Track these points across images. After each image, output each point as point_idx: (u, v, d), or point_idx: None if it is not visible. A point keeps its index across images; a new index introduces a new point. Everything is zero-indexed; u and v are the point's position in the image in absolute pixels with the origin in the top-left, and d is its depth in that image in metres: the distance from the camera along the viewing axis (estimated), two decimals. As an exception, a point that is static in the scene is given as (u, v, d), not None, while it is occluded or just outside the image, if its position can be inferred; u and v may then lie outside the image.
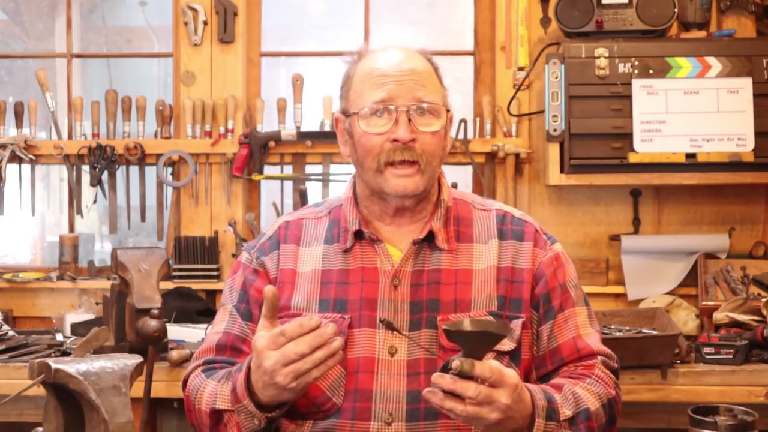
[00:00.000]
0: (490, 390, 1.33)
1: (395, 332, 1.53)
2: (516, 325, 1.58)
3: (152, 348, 2.35)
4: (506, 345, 1.55)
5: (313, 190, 3.17)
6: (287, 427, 1.57)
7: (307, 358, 1.36)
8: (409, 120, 1.56)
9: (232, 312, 1.65)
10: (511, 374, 1.37)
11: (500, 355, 1.55)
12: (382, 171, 1.57)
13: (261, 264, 1.66)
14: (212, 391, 1.53)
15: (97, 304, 3.00)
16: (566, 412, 1.47)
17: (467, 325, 1.30)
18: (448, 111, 1.63)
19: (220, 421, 1.52)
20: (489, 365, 1.33)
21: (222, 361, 1.62)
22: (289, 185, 3.19)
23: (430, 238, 1.62)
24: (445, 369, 1.34)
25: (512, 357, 1.57)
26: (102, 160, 3.16)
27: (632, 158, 2.85)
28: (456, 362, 1.31)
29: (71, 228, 3.32)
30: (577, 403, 1.50)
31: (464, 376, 1.31)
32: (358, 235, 1.63)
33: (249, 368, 1.45)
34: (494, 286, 1.59)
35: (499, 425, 1.36)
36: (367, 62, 1.63)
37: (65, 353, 2.50)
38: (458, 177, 3.17)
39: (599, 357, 1.60)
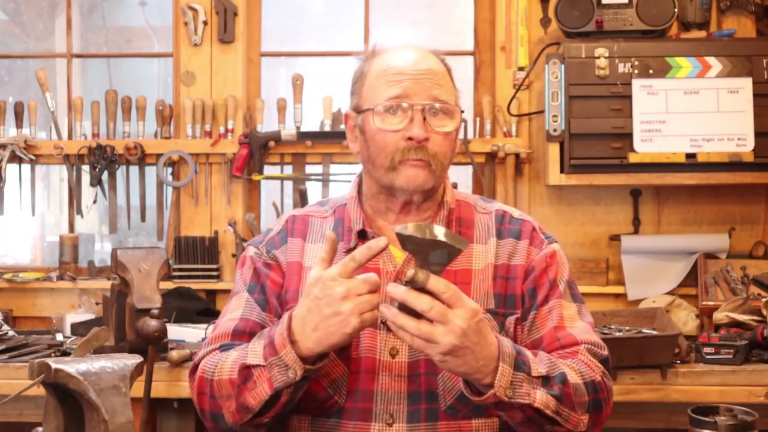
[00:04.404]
0: (445, 308, 1.30)
1: None
2: (510, 321, 1.57)
3: (152, 348, 2.35)
4: None
5: (313, 190, 3.18)
6: (289, 423, 1.57)
7: (374, 294, 1.36)
8: (424, 119, 1.55)
9: (249, 299, 1.61)
10: (471, 301, 1.33)
11: None
12: (395, 168, 1.56)
13: (273, 257, 1.64)
14: (241, 353, 1.48)
15: (97, 304, 3.00)
16: (539, 369, 1.42)
17: (418, 231, 1.26)
18: (462, 112, 1.63)
19: (249, 378, 1.45)
20: (445, 280, 1.30)
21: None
22: (289, 185, 3.18)
23: None
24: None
25: None
26: (102, 160, 3.16)
27: (632, 158, 2.85)
28: (410, 271, 1.28)
29: (71, 228, 3.32)
30: (553, 366, 1.45)
31: (419, 288, 1.28)
32: (362, 235, 1.63)
33: (290, 319, 1.42)
34: (491, 283, 1.59)
35: (455, 356, 1.31)
36: (382, 59, 1.61)
37: (65, 353, 2.50)
38: (458, 177, 3.17)
39: (583, 345, 1.54)
